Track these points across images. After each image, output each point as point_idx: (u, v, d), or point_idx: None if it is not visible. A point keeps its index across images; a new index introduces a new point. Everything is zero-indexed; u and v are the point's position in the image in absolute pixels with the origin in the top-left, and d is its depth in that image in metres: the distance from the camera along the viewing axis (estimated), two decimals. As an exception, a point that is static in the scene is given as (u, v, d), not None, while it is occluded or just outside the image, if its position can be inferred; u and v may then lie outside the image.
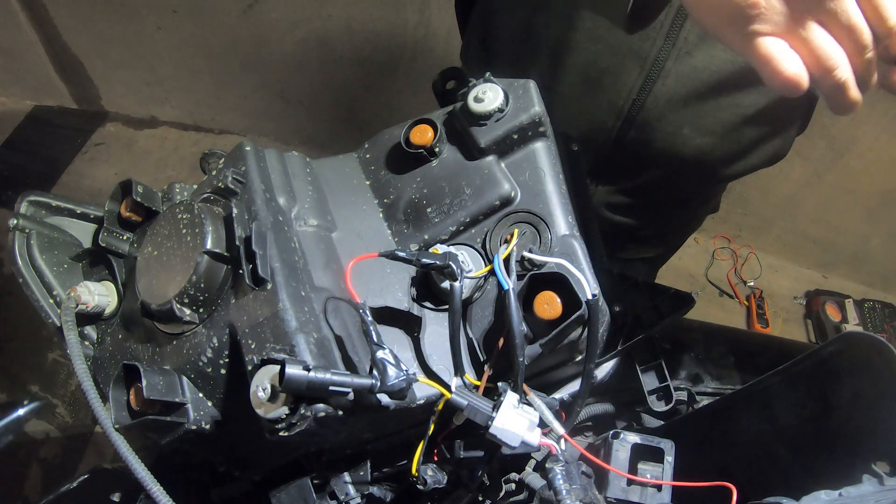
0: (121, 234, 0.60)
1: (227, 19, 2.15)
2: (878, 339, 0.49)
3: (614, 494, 0.61)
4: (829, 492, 0.49)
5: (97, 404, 0.46)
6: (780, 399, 0.57)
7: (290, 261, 0.50)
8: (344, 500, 0.56)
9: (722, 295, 2.31)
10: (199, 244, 0.50)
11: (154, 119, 2.72)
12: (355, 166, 0.64)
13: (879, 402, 0.48)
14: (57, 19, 2.41)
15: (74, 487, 0.66)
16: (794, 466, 0.55)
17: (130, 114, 2.74)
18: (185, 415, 0.49)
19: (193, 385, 0.51)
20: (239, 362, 0.49)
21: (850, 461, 0.50)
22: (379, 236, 0.60)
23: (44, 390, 1.93)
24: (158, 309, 0.50)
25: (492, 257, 0.55)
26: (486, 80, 0.59)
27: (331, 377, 0.41)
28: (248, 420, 0.49)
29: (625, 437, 0.63)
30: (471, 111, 0.58)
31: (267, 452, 0.53)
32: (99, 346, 0.59)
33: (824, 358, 0.53)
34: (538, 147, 0.59)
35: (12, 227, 0.58)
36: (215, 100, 2.55)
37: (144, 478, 0.43)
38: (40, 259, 0.58)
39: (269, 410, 0.42)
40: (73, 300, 0.54)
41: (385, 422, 0.54)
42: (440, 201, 0.58)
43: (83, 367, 0.48)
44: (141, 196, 0.57)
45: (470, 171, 0.58)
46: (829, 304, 2.21)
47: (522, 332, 0.47)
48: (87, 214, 0.63)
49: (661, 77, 0.78)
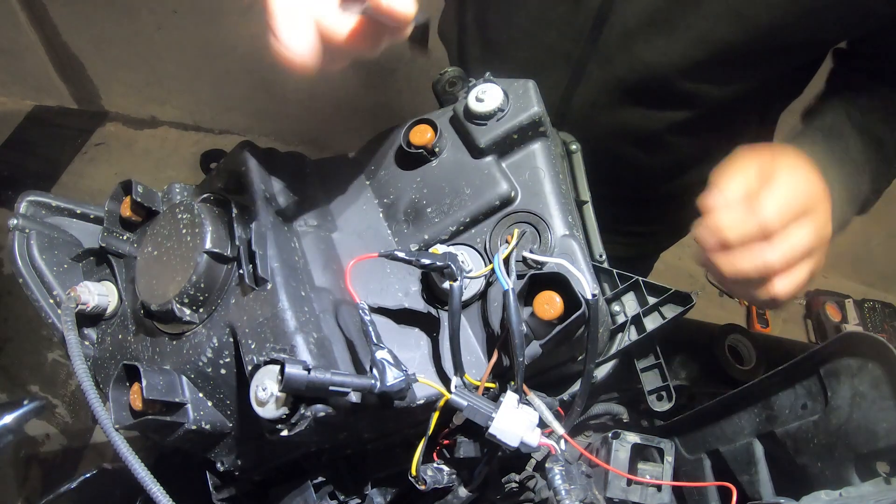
0: (121, 234, 0.60)
1: (227, 19, 2.14)
2: (878, 339, 0.49)
3: (614, 494, 0.61)
4: (829, 492, 0.49)
5: (97, 404, 0.46)
6: (780, 399, 0.57)
7: (290, 261, 0.50)
8: (343, 501, 0.56)
9: (722, 295, 2.31)
10: (199, 244, 0.50)
11: (154, 119, 2.72)
12: (355, 166, 0.64)
13: (879, 402, 0.48)
14: (57, 19, 2.41)
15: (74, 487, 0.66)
16: (794, 466, 0.55)
17: (130, 114, 2.74)
18: (185, 415, 0.49)
19: (193, 385, 0.51)
20: (239, 362, 0.49)
21: (850, 461, 0.50)
22: (379, 236, 0.60)
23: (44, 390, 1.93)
24: (158, 309, 0.50)
25: (492, 257, 0.55)
26: (486, 80, 0.59)
27: (331, 377, 0.41)
28: (248, 420, 0.49)
29: (625, 437, 0.63)
30: (471, 111, 0.58)
31: (267, 452, 0.53)
32: (99, 346, 0.59)
33: (824, 358, 0.53)
34: (538, 147, 0.59)
35: (12, 228, 0.58)
36: (215, 100, 2.55)
37: (144, 478, 0.43)
38: (40, 259, 0.58)
39: (269, 410, 0.42)
40: (73, 300, 0.54)
41: (385, 422, 0.54)
42: (440, 201, 0.58)
43: (83, 367, 0.48)
44: (141, 196, 0.57)
45: (470, 171, 0.58)
46: (829, 304, 2.21)
47: (522, 332, 0.47)
48: (87, 214, 0.63)
49: (584, 80, 0.78)
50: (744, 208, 0.55)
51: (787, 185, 0.56)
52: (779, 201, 0.55)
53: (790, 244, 0.55)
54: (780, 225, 0.54)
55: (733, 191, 0.56)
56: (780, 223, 0.54)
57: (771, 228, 0.54)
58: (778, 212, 0.54)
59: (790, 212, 0.55)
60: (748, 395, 0.60)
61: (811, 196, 0.57)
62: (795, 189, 0.56)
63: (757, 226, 0.54)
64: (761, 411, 0.59)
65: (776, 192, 0.55)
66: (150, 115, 2.72)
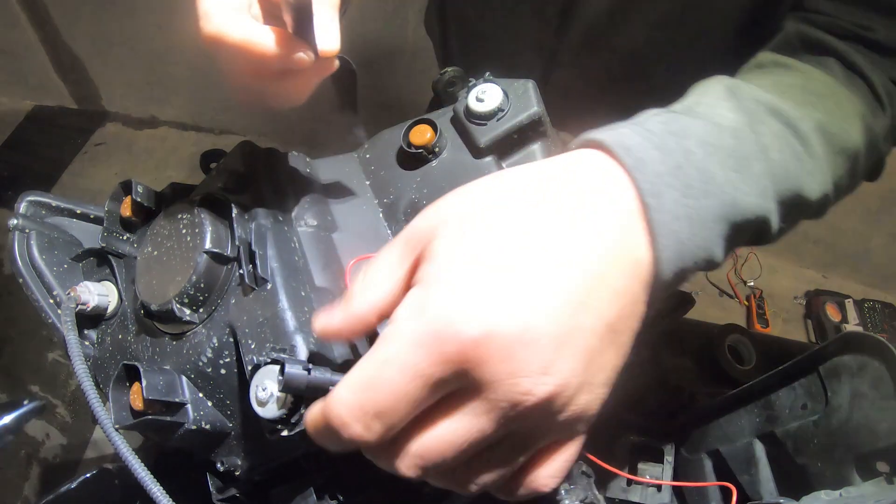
0: (121, 235, 0.60)
1: (227, 19, 2.14)
2: (878, 339, 0.49)
3: (614, 494, 0.61)
4: (829, 492, 0.49)
5: (97, 404, 0.46)
6: (780, 399, 0.57)
7: (289, 261, 0.50)
8: (343, 501, 0.56)
9: (722, 295, 2.31)
10: (199, 244, 0.50)
11: (154, 119, 2.72)
12: (355, 166, 0.64)
13: (879, 402, 0.48)
14: (57, 19, 2.41)
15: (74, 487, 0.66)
16: (794, 466, 0.55)
17: (130, 114, 2.74)
18: (185, 415, 0.49)
19: (193, 385, 0.51)
20: (239, 362, 0.49)
21: (850, 461, 0.50)
22: (379, 236, 0.60)
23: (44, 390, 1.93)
24: (158, 309, 0.50)
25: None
26: (486, 80, 0.59)
27: (331, 377, 0.41)
28: (248, 420, 0.49)
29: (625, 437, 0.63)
30: (472, 111, 0.58)
31: (267, 452, 0.53)
32: (99, 346, 0.59)
33: (824, 357, 0.53)
34: (538, 147, 0.59)
35: (12, 228, 0.58)
36: (215, 100, 2.55)
37: (144, 478, 0.43)
38: (40, 259, 0.58)
39: (269, 410, 0.42)
40: (73, 300, 0.54)
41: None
42: (440, 201, 0.58)
43: (83, 367, 0.48)
44: (141, 196, 0.57)
45: (470, 171, 0.58)
46: (829, 304, 2.20)
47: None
48: (87, 214, 0.63)
49: (557, 69, 0.79)
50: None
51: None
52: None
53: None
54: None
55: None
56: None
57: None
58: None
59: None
60: (748, 395, 0.60)
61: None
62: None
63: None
64: (761, 411, 0.59)
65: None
66: (150, 115, 2.72)
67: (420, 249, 0.34)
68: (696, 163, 0.36)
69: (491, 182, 0.35)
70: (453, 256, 0.31)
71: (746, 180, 0.38)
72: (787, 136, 0.43)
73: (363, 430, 0.31)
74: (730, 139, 0.39)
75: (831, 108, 0.48)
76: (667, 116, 0.40)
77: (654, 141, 0.36)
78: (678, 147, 0.36)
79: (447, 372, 0.29)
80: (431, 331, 0.29)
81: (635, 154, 0.34)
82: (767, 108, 0.43)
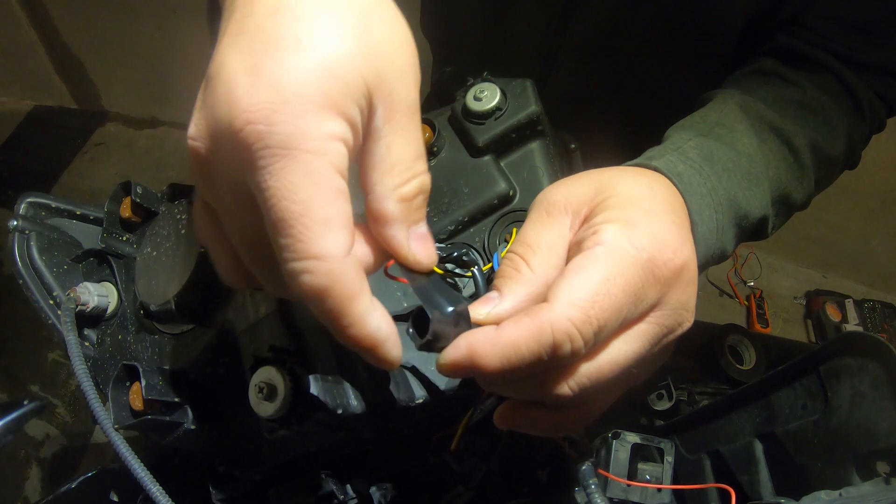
0: (121, 235, 0.60)
1: (228, 19, 2.14)
2: (878, 339, 0.49)
3: (614, 494, 0.61)
4: (829, 492, 0.49)
5: (97, 404, 0.46)
6: (780, 399, 0.57)
7: (289, 261, 0.50)
8: (343, 500, 0.56)
9: (722, 295, 2.31)
10: (198, 244, 0.50)
11: (154, 119, 2.72)
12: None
13: (879, 402, 0.48)
14: (57, 19, 2.41)
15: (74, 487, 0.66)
16: (793, 466, 0.55)
17: (130, 114, 2.74)
18: (184, 415, 0.49)
19: (193, 385, 0.51)
20: (238, 362, 0.49)
21: (850, 461, 0.50)
22: (378, 236, 0.60)
23: (44, 390, 1.93)
24: (158, 309, 0.50)
25: (491, 256, 0.55)
26: (485, 80, 0.59)
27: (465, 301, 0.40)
28: (248, 420, 0.49)
29: (625, 437, 0.63)
30: (470, 110, 0.58)
31: (267, 452, 0.53)
32: (99, 347, 0.59)
33: (824, 358, 0.53)
34: (536, 146, 0.59)
35: (12, 229, 0.58)
36: (215, 100, 2.55)
37: (144, 478, 0.43)
38: (40, 260, 0.58)
39: (268, 410, 0.42)
40: (73, 301, 0.54)
41: (385, 421, 0.54)
42: (438, 200, 0.58)
43: (83, 367, 0.48)
44: (141, 197, 0.57)
45: (468, 171, 0.58)
46: (829, 304, 2.20)
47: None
48: (87, 215, 0.63)
49: (556, 71, 0.79)
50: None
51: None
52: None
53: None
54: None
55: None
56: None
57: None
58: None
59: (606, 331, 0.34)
60: (748, 395, 0.60)
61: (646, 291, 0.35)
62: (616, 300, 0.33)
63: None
64: (761, 411, 0.59)
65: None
66: (150, 115, 2.72)
67: (585, 212, 0.38)
68: (723, 184, 0.47)
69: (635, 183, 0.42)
70: (634, 203, 0.37)
71: (756, 195, 0.49)
72: (784, 152, 0.54)
73: (582, 346, 0.32)
74: (745, 162, 0.50)
75: (820, 125, 0.58)
76: (697, 141, 0.49)
77: (695, 167, 0.46)
78: (712, 172, 0.47)
79: (655, 293, 0.34)
80: (648, 256, 0.34)
81: (686, 181, 0.44)
82: (770, 126, 0.54)
